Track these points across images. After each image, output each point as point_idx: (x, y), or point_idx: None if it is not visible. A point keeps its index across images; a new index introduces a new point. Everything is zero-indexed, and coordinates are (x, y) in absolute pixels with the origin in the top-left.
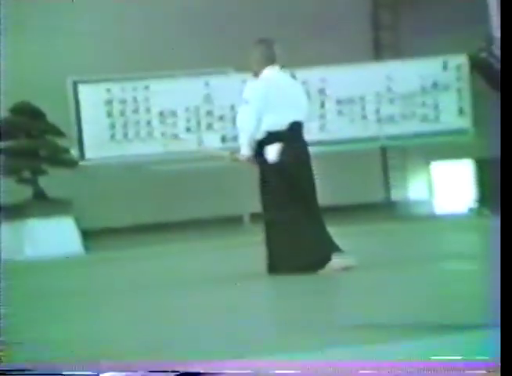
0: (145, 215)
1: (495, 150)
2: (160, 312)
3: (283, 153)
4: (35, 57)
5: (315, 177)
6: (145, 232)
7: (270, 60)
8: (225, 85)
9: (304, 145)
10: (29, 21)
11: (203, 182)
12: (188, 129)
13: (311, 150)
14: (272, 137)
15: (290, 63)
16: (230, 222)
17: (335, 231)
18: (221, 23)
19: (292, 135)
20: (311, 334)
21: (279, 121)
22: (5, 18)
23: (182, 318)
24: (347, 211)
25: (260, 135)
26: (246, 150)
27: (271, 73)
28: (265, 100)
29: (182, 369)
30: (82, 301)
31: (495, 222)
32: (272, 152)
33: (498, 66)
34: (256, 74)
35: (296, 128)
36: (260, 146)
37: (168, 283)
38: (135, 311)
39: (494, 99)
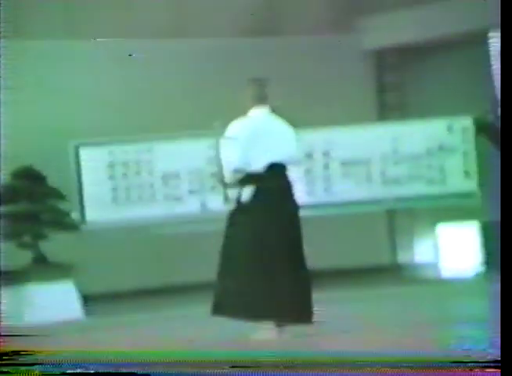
0: (147, 278)
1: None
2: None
3: (255, 195)
4: (36, 120)
5: (290, 226)
6: (148, 296)
7: (261, 100)
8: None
9: (282, 188)
10: (30, 83)
11: (207, 244)
12: (191, 191)
13: (314, 212)
14: (247, 178)
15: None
16: None
17: (340, 295)
18: (225, 86)
19: (269, 178)
20: None
21: (256, 162)
22: (5, 77)
23: None
24: (353, 274)
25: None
26: (228, 179)
27: (258, 114)
28: (251, 139)
29: None
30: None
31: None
32: (245, 193)
33: None
34: (245, 112)
35: (274, 169)
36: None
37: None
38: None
39: (500, 162)
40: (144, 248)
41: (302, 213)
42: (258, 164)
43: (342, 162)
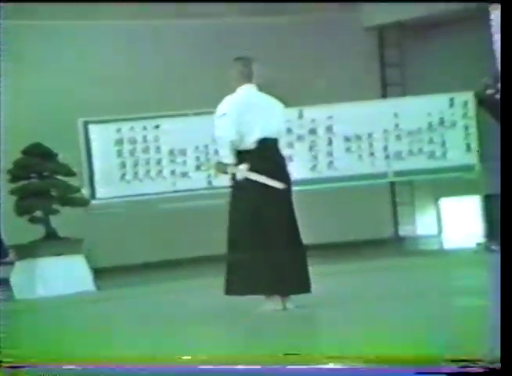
0: (155, 252)
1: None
2: (171, 349)
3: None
4: (46, 98)
5: (286, 199)
6: (155, 269)
7: (247, 78)
8: None
9: (275, 163)
10: (41, 62)
11: (213, 219)
12: (197, 167)
13: (318, 186)
14: (240, 156)
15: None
16: None
17: (342, 267)
18: (230, 63)
19: (261, 154)
20: None
21: (247, 139)
22: (17, 57)
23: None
24: (356, 248)
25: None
26: (228, 159)
27: (246, 90)
28: (241, 114)
29: None
30: (94, 339)
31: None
32: (240, 171)
33: None
34: (233, 90)
35: (266, 145)
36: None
37: (179, 319)
38: (146, 348)
39: (500, 136)
40: (151, 223)
41: (306, 188)
42: (250, 139)
43: (345, 137)
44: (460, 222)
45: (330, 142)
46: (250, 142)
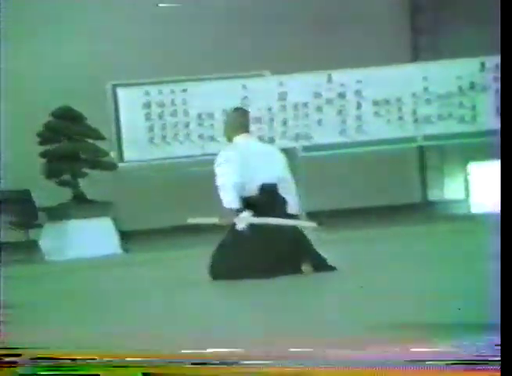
0: (182, 216)
1: None
2: (199, 312)
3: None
4: (76, 62)
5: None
6: (183, 233)
7: (244, 128)
8: (262, 88)
9: (277, 207)
10: (69, 25)
11: None
12: None
13: (346, 150)
14: (243, 203)
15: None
16: None
17: (371, 232)
18: (259, 27)
19: (263, 199)
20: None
21: (249, 186)
22: (43, 18)
23: (218, 316)
24: (384, 212)
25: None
26: (233, 203)
27: (243, 139)
28: (242, 160)
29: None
30: (120, 301)
31: None
32: (242, 220)
33: None
34: (229, 140)
35: (268, 190)
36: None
37: (206, 282)
38: (172, 310)
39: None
40: (179, 187)
41: (334, 152)
42: (253, 186)
43: (374, 101)
44: (489, 186)
45: (359, 106)
46: (252, 189)
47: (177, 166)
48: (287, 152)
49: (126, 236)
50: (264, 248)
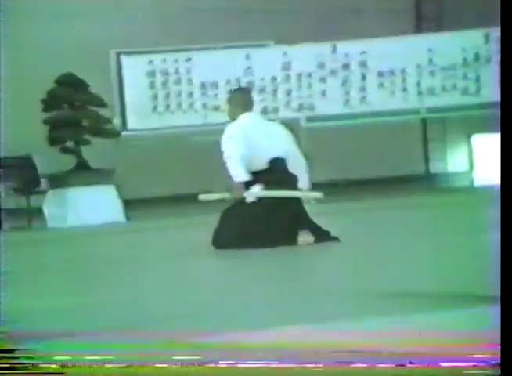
0: (185, 184)
1: None
2: (199, 280)
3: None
4: (79, 29)
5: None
6: (184, 202)
7: (248, 107)
8: (266, 58)
9: (287, 181)
10: None
11: None
12: None
13: (352, 122)
14: (252, 177)
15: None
16: None
17: (373, 203)
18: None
19: (273, 174)
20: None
21: (257, 160)
22: None
23: (220, 285)
24: (386, 183)
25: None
26: (242, 176)
27: (247, 117)
28: (247, 136)
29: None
30: (122, 268)
31: None
32: (253, 194)
33: None
34: (233, 120)
35: (276, 165)
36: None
37: (205, 251)
38: (173, 278)
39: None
40: (182, 156)
41: (338, 123)
42: (261, 160)
43: (378, 73)
44: (492, 158)
45: (363, 78)
46: (261, 163)
47: (180, 135)
48: (290, 122)
49: (129, 205)
50: (266, 220)
